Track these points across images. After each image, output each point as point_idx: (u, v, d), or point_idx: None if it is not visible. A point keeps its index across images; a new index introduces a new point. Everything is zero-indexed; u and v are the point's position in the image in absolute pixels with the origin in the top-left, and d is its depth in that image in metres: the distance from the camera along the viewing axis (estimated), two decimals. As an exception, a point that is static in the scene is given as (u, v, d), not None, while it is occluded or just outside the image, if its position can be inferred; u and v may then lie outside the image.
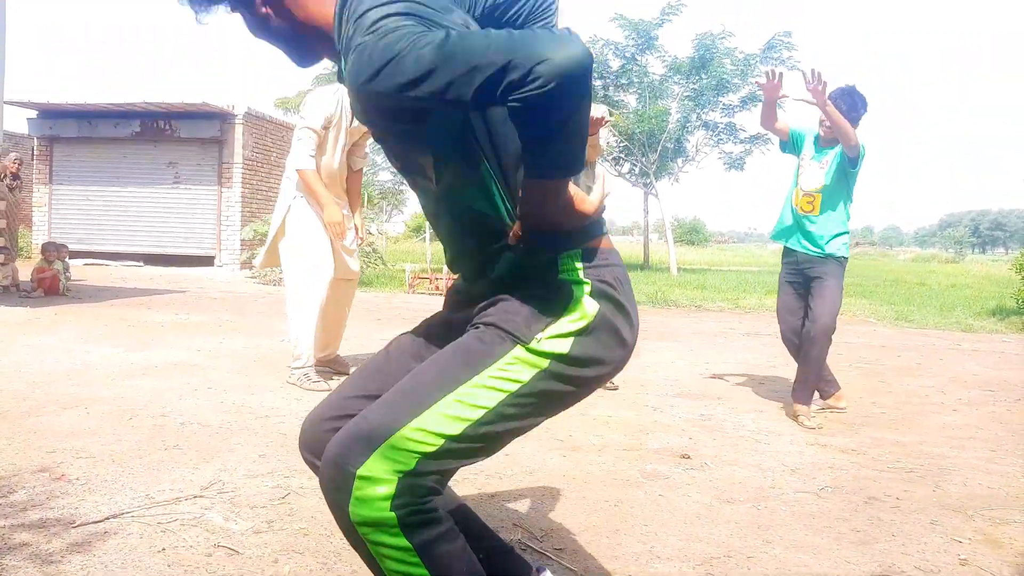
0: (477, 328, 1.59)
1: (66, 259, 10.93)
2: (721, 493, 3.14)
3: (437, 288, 13.45)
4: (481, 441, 1.50)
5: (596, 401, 4.81)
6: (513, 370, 1.50)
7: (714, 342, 8.09)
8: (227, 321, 8.10)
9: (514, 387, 1.50)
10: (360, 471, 1.43)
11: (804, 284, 4.74)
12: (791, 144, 4.96)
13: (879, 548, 2.64)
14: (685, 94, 22.49)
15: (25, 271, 10.86)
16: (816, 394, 4.75)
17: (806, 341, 4.61)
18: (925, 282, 20.91)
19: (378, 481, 1.43)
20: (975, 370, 6.75)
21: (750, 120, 23.25)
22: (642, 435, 4.01)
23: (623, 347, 1.63)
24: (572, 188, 1.50)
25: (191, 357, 5.78)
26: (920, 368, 6.76)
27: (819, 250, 4.64)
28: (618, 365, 1.64)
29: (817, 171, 4.71)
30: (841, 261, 4.66)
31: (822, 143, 4.74)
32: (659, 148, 22.29)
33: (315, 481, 3.00)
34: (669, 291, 13.89)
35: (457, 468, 1.55)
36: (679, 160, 24.12)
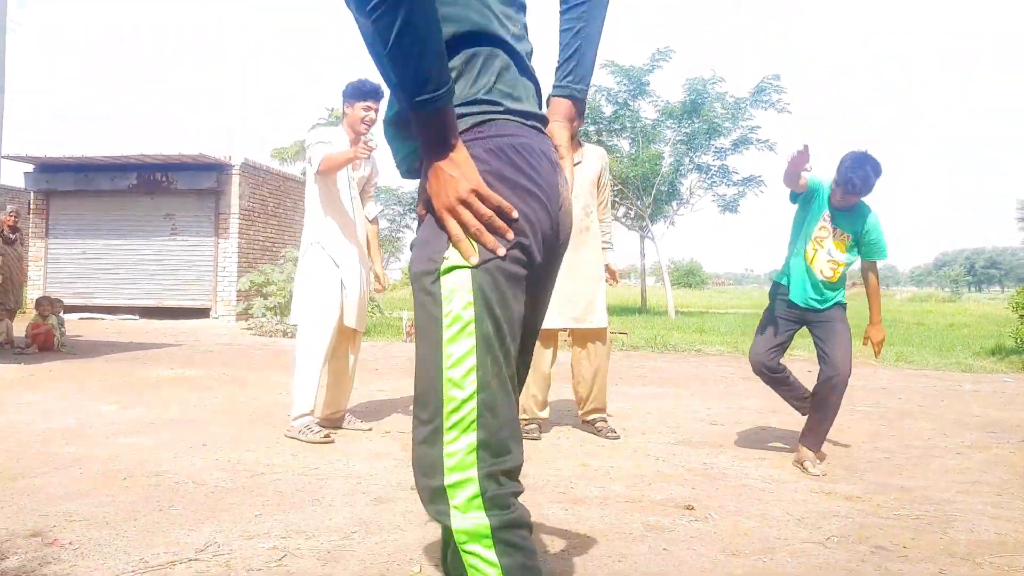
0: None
1: (61, 314, 10.91)
2: (727, 545, 3.09)
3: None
4: (500, 390, 1.49)
5: (597, 451, 4.78)
6: (455, 302, 1.48)
7: (715, 387, 8.05)
8: (222, 375, 8.05)
9: (470, 312, 1.48)
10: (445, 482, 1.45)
11: (797, 325, 4.63)
12: (808, 196, 4.62)
13: (889, 601, 2.60)
14: (677, 138, 22.68)
15: (20, 326, 10.82)
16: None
17: (826, 389, 4.43)
18: (923, 322, 20.91)
19: (463, 484, 1.44)
20: (977, 411, 6.71)
21: (742, 163, 23.49)
22: (644, 486, 3.96)
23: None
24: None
25: (186, 413, 5.73)
26: (922, 410, 6.71)
27: (829, 303, 4.54)
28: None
29: (842, 244, 4.50)
30: (844, 305, 4.60)
31: (834, 204, 4.51)
32: (653, 192, 22.41)
33: (312, 541, 2.97)
34: (668, 335, 13.86)
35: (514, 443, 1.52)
36: (674, 203, 24.24)
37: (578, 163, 5.20)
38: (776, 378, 4.72)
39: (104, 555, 2.79)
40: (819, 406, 4.49)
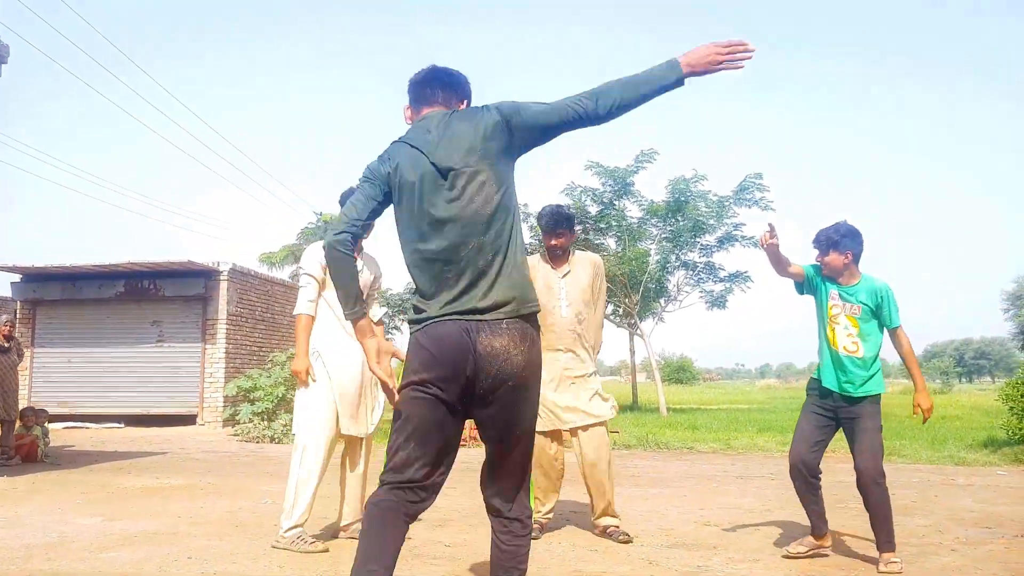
0: None
1: (45, 424, 10.81)
2: (721, 652, 3.05)
3: None
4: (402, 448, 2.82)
5: (590, 556, 4.73)
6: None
7: (707, 486, 8.00)
8: (208, 483, 7.96)
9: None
10: None
11: (833, 421, 4.69)
12: (808, 284, 4.84)
13: None
14: (663, 236, 22.99)
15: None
16: (811, 537, 4.71)
17: (862, 488, 4.54)
18: (913, 415, 20.86)
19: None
20: (971, 506, 6.68)
21: (728, 259, 23.80)
22: (637, 591, 3.92)
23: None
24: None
25: (171, 524, 5.65)
26: (915, 506, 6.68)
27: (861, 387, 4.60)
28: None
29: (851, 313, 4.65)
30: (879, 398, 4.68)
31: (825, 275, 4.73)
32: (641, 289, 22.60)
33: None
34: (660, 432, 13.79)
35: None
36: (662, 300, 24.42)
37: (567, 273, 5.36)
38: (812, 484, 4.66)
39: (85, 677, 2.73)
40: (868, 507, 4.56)
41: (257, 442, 13.67)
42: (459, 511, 6.04)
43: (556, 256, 5.39)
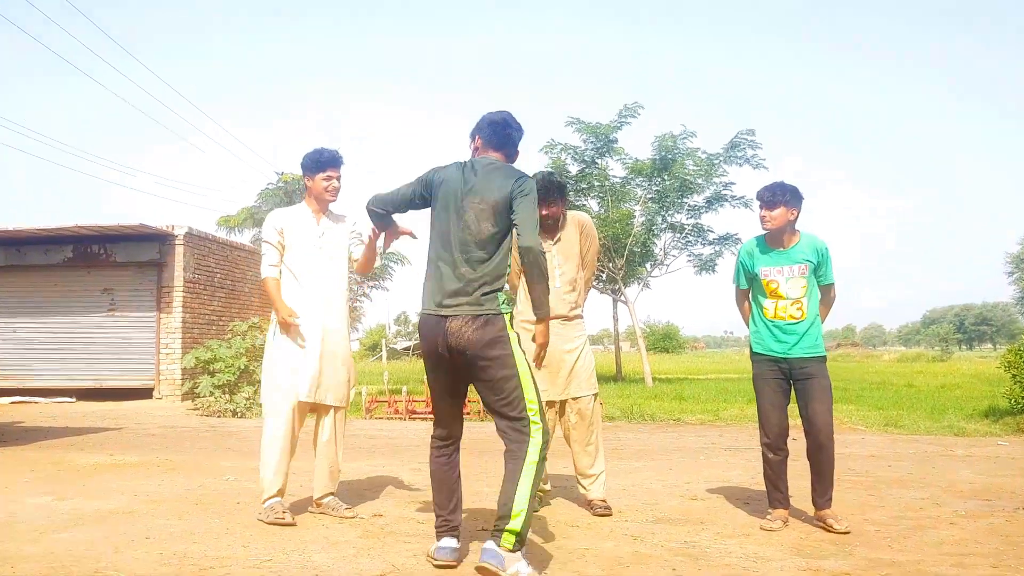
0: None
1: (-10, 399, 10.75)
2: (709, 630, 3.10)
3: (396, 411, 13.34)
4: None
5: (572, 532, 4.77)
6: None
7: (694, 459, 8.08)
8: (166, 460, 7.95)
9: None
10: None
11: (786, 379, 4.99)
12: (744, 278, 5.21)
13: None
14: (649, 196, 22.93)
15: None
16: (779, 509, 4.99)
17: (817, 447, 4.88)
18: (913, 383, 21.14)
19: None
20: (970, 478, 6.79)
21: (717, 221, 23.83)
22: (622, 568, 3.96)
23: None
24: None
25: (128, 503, 5.65)
26: (913, 478, 6.78)
27: (812, 352, 4.94)
28: None
29: (798, 278, 4.94)
30: (825, 359, 5.02)
31: (769, 243, 5.05)
32: (625, 253, 22.60)
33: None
34: (645, 404, 13.88)
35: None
36: (647, 264, 24.42)
37: (558, 240, 5.47)
38: (787, 453, 5.02)
39: (37, 663, 2.74)
40: (818, 468, 4.91)
41: (219, 416, 13.65)
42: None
43: (547, 227, 5.35)
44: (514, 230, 4.03)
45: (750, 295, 5.20)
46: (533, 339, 4.16)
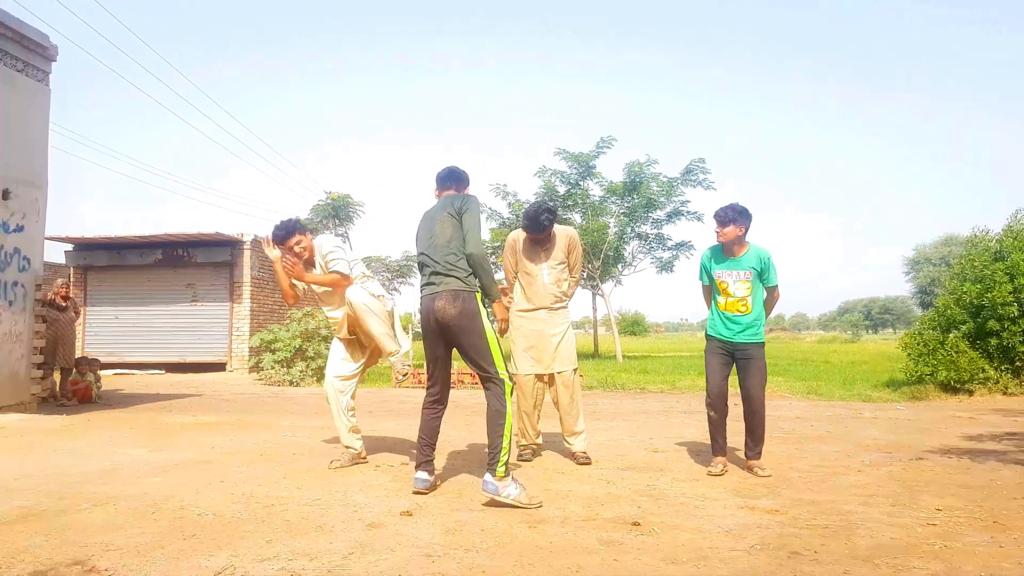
0: None
1: (97, 371, 10.75)
2: (667, 555, 3.11)
3: (420, 382, 13.33)
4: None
5: (557, 477, 4.78)
6: None
7: (656, 420, 8.08)
8: (237, 420, 7.95)
9: None
10: None
11: (730, 357, 5.04)
12: (705, 277, 5.23)
13: (802, 598, 2.62)
14: (621, 211, 22.95)
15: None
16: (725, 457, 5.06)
17: (750, 414, 4.98)
18: (829, 360, 21.13)
19: None
20: (875, 435, 6.79)
21: (675, 231, 23.84)
22: (598, 506, 3.97)
23: None
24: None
25: (206, 454, 5.65)
26: (829, 435, 6.78)
27: (752, 339, 4.97)
28: None
29: (742, 280, 4.97)
30: (763, 345, 5.07)
31: (724, 253, 5.07)
32: (602, 256, 22.61)
33: (316, 562, 2.94)
34: (616, 376, 13.88)
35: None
36: (619, 266, 24.44)
37: (548, 246, 5.45)
38: (726, 410, 5.06)
39: (136, 580, 2.75)
40: (752, 430, 4.99)
41: (278, 385, 13.65)
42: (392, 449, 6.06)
43: (540, 240, 5.40)
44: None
45: (712, 291, 5.19)
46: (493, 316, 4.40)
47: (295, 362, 14.44)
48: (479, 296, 4.18)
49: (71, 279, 17.80)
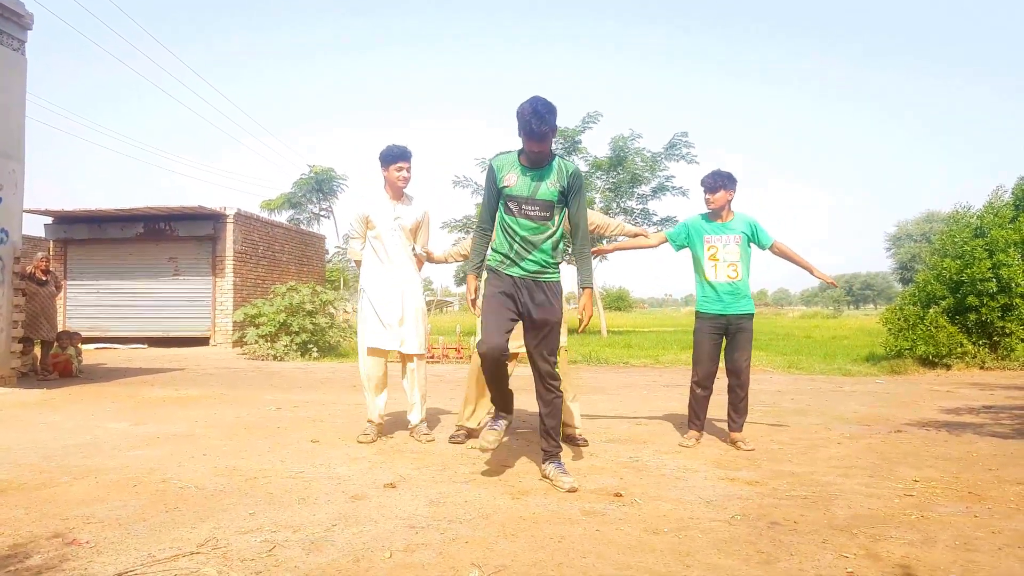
0: None
1: (78, 344, 10.65)
2: (648, 525, 3.13)
3: (460, 356, 13.24)
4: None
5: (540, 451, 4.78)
6: None
7: (639, 393, 8.13)
8: (220, 394, 7.92)
9: None
10: None
11: (720, 335, 5.01)
12: (684, 238, 5.13)
13: (781, 566, 2.65)
14: (606, 187, 22.94)
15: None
16: (696, 431, 5.09)
17: (737, 385, 4.98)
18: (811, 335, 21.29)
19: None
20: (855, 408, 6.86)
21: (660, 207, 23.88)
22: (581, 478, 3.99)
23: None
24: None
25: (189, 428, 5.63)
26: (810, 408, 6.85)
27: (746, 310, 4.97)
28: None
29: (733, 245, 4.95)
30: (753, 315, 5.05)
31: (712, 218, 5.05)
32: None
33: (299, 534, 2.94)
34: (600, 351, 13.95)
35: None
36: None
37: None
38: (711, 390, 5.07)
39: (117, 551, 2.74)
40: (735, 403, 4.99)
41: (262, 360, 13.60)
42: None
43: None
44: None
45: (694, 268, 5.11)
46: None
47: (279, 337, 14.38)
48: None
49: (51, 252, 17.59)
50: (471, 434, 5.15)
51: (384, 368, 5.17)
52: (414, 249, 5.24)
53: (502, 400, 4.10)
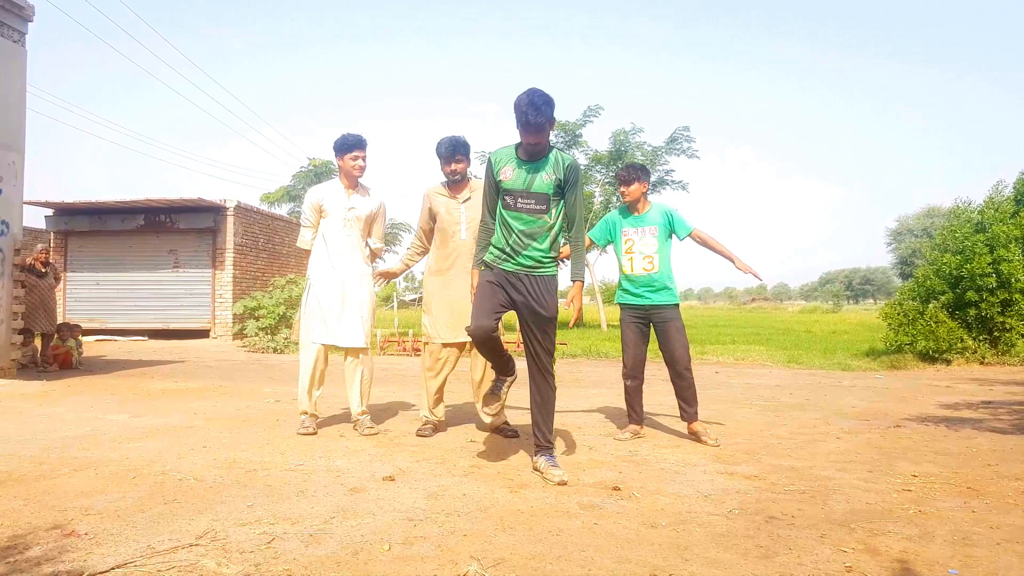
0: None
1: (78, 336, 10.66)
2: (646, 519, 3.13)
3: (404, 349, 13.34)
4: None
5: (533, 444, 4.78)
6: None
7: (638, 388, 8.10)
8: (220, 386, 7.92)
9: None
10: None
11: (646, 324, 5.00)
12: (606, 233, 5.14)
13: (779, 561, 2.65)
14: (606, 180, 22.90)
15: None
16: (635, 426, 5.06)
17: (677, 378, 4.95)
18: (810, 330, 21.29)
19: None
20: (853, 403, 6.86)
21: (659, 201, 23.82)
22: (579, 471, 3.99)
23: None
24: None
25: (188, 420, 5.63)
26: (809, 403, 6.85)
27: (666, 301, 4.92)
28: None
29: (649, 237, 4.93)
30: (678, 307, 5.02)
31: (629, 211, 5.06)
32: (587, 226, 22.59)
33: (297, 526, 2.94)
34: (600, 345, 13.95)
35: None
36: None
37: (467, 200, 5.01)
38: (642, 382, 5.11)
39: (116, 543, 2.74)
40: (681, 393, 4.97)
41: (262, 352, 13.61)
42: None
43: (455, 183, 4.99)
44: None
45: (618, 261, 5.09)
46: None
47: (279, 329, 14.40)
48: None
49: (51, 244, 17.59)
50: (437, 428, 5.14)
51: (325, 362, 5.16)
52: (368, 243, 5.22)
53: (502, 365, 4.07)
